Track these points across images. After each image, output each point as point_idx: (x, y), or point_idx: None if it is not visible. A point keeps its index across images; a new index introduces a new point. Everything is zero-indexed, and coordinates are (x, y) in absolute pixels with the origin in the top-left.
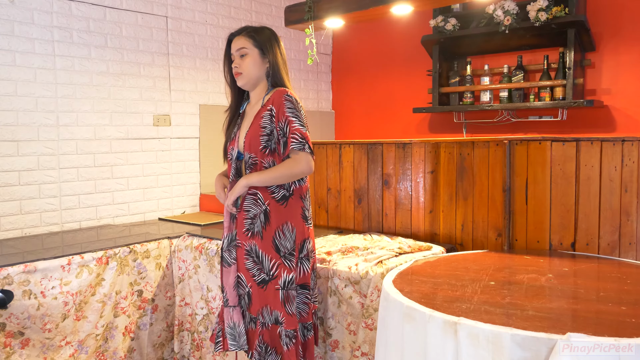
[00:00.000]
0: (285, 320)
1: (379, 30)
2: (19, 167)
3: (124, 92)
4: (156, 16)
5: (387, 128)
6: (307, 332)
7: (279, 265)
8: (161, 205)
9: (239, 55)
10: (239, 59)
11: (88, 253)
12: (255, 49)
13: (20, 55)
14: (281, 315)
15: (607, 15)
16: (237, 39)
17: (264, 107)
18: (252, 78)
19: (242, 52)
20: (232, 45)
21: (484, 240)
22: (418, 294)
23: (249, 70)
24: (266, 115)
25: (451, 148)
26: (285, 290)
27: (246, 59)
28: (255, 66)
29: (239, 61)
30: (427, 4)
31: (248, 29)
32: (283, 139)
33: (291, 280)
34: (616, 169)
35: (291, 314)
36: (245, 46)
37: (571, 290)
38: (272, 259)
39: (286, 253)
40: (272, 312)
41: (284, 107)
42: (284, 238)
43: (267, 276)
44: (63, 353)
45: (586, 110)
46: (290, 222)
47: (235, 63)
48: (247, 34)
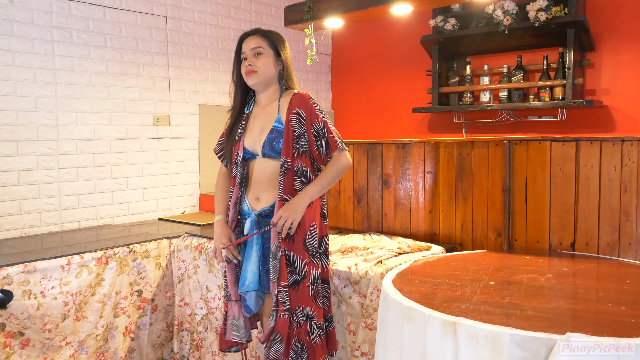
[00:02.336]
0: (317, 314)
1: (378, 30)
2: (19, 167)
3: (124, 92)
4: (156, 16)
5: (387, 128)
6: (329, 324)
7: (308, 264)
8: (161, 205)
9: (253, 54)
10: (253, 58)
11: (88, 253)
12: (270, 50)
13: (19, 55)
14: (312, 310)
15: (607, 15)
16: (250, 38)
17: (288, 111)
18: (266, 77)
19: (257, 51)
20: (245, 44)
21: (484, 240)
22: (417, 294)
23: (263, 69)
24: (294, 119)
25: (451, 148)
26: (315, 286)
27: (261, 57)
28: (270, 66)
29: (253, 59)
30: (427, 4)
31: (261, 30)
32: (323, 140)
33: (318, 275)
34: (616, 169)
35: (320, 307)
36: (261, 45)
37: (571, 290)
38: (303, 259)
39: (314, 251)
40: (304, 310)
41: (316, 110)
42: (311, 237)
43: (298, 276)
44: (63, 353)
45: (586, 110)
46: (315, 221)
47: (249, 61)
48: (261, 34)
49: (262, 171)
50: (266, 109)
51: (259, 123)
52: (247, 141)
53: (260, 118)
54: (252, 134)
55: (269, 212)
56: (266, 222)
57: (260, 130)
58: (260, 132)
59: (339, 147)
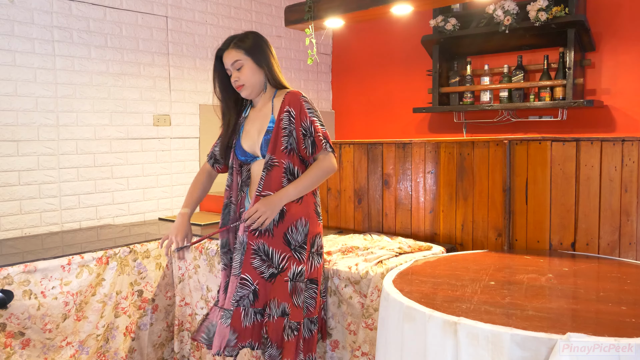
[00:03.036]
0: (292, 312)
1: (379, 30)
2: (19, 167)
3: (124, 92)
4: (156, 16)
5: (387, 128)
6: (313, 326)
7: (289, 258)
8: (161, 205)
9: (235, 69)
10: (236, 72)
11: (88, 253)
12: (248, 58)
13: (20, 55)
14: (288, 307)
15: (607, 15)
16: (226, 53)
17: (281, 109)
18: (255, 86)
19: (237, 65)
20: (224, 60)
21: (484, 240)
22: (418, 294)
23: (249, 79)
24: (285, 117)
25: (451, 148)
26: (293, 282)
27: (243, 70)
28: (254, 74)
29: (237, 74)
30: (427, 4)
31: (234, 40)
32: (310, 139)
33: (300, 272)
34: (616, 169)
35: (297, 306)
36: (239, 58)
37: (571, 290)
38: (282, 252)
39: (297, 246)
40: (279, 305)
41: (305, 109)
42: (295, 232)
43: (275, 270)
44: (64, 353)
45: (586, 110)
46: (304, 217)
47: (234, 77)
48: (235, 45)
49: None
50: (262, 111)
51: (256, 125)
52: (246, 144)
53: (257, 120)
54: (250, 136)
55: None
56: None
57: (258, 132)
58: (257, 134)
59: (324, 149)
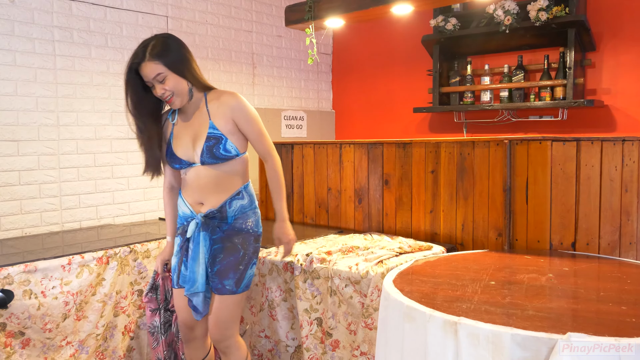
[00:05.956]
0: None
1: (379, 30)
2: (19, 167)
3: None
4: (156, 16)
5: (388, 128)
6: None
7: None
8: (161, 205)
9: (158, 81)
10: (160, 85)
11: (88, 253)
12: (167, 69)
13: (20, 55)
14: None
15: (608, 15)
16: (145, 65)
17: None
18: (184, 95)
19: (160, 78)
20: (143, 72)
21: (485, 240)
22: (418, 293)
23: (177, 88)
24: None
25: (451, 148)
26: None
27: (167, 81)
28: (180, 82)
29: (162, 86)
30: (428, 4)
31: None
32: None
33: None
34: (616, 169)
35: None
36: (160, 71)
37: (571, 290)
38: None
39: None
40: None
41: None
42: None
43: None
44: (64, 353)
45: (586, 110)
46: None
47: (160, 89)
48: (151, 58)
49: (205, 177)
50: (195, 117)
51: (190, 132)
52: (180, 151)
53: (190, 127)
54: (183, 144)
55: (216, 213)
56: (213, 223)
57: (193, 138)
58: (193, 141)
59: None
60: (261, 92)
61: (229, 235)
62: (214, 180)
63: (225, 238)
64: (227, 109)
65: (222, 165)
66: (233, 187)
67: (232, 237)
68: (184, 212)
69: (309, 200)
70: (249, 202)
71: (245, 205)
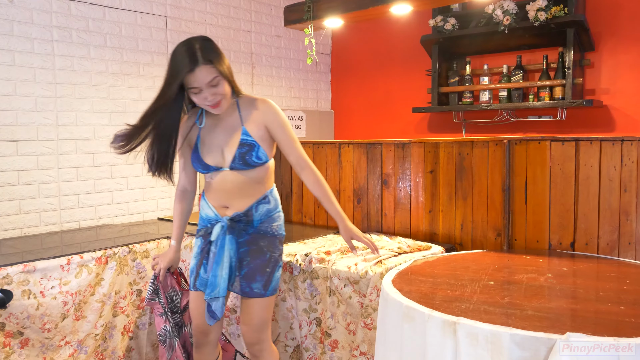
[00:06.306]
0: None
1: (378, 30)
2: (18, 167)
3: (123, 91)
4: (155, 16)
5: (387, 128)
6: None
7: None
8: (160, 205)
9: (212, 85)
10: (213, 89)
11: (87, 253)
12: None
13: (19, 55)
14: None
15: (606, 15)
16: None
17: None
18: (229, 98)
19: (214, 82)
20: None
21: (483, 240)
22: (417, 293)
23: (226, 92)
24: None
25: (450, 148)
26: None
27: (220, 85)
28: (227, 86)
29: (215, 90)
30: (427, 4)
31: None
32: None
33: None
34: (615, 169)
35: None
36: (215, 74)
37: (570, 290)
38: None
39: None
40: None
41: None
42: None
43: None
44: (62, 353)
45: (585, 110)
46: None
47: (211, 94)
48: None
49: (231, 182)
50: (226, 122)
51: (219, 137)
52: (208, 156)
53: (221, 132)
54: (212, 149)
55: (243, 217)
56: (239, 226)
57: (223, 144)
58: (223, 146)
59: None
60: (260, 92)
61: (255, 239)
62: (240, 185)
63: (251, 241)
64: (260, 115)
65: (250, 171)
66: (259, 192)
67: (258, 241)
68: (207, 215)
69: (308, 200)
70: (274, 206)
71: (271, 209)
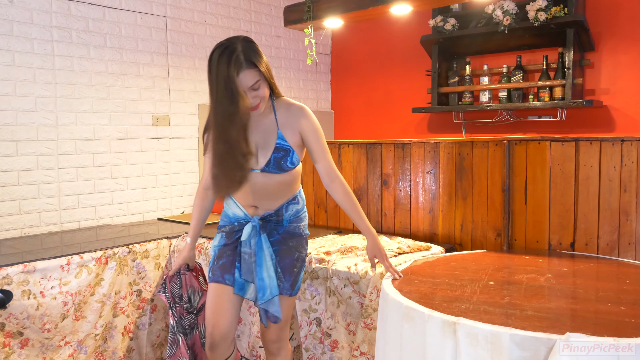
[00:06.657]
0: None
1: (378, 30)
2: (18, 167)
3: (123, 92)
4: (155, 16)
5: (386, 128)
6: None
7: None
8: (160, 205)
9: (254, 89)
10: (255, 92)
11: (87, 253)
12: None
13: (19, 55)
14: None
15: (606, 15)
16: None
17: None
18: (267, 99)
19: (257, 85)
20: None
21: (483, 240)
22: (417, 293)
23: (266, 94)
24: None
25: (450, 148)
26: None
27: (262, 88)
28: (267, 88)
29: (256, 93)
30: (427, 4)
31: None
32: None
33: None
34: (615, 169)
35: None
36: (258, 77)
37: (570, 290)
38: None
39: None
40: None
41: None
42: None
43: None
44: (62, 353)
45: (585, 110)
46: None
47: (253, 96)
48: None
49: (261, 183)
50: (260, 124)
51: (255, 137)
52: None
53: (254, 133)
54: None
55: (273, 216)
56: (269, 225)
57: (256, 145)
58: (256, 148)
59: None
60: None
61: (285, 239)
62: (270, 187)
63: (281, 241)
64: (296, 121)
65: (281, 175)
66: (289, 193)
67: (287, 240)
68: (234, 214)
69: (308, 200)
70: (302, 206)
71: (299, 210)
